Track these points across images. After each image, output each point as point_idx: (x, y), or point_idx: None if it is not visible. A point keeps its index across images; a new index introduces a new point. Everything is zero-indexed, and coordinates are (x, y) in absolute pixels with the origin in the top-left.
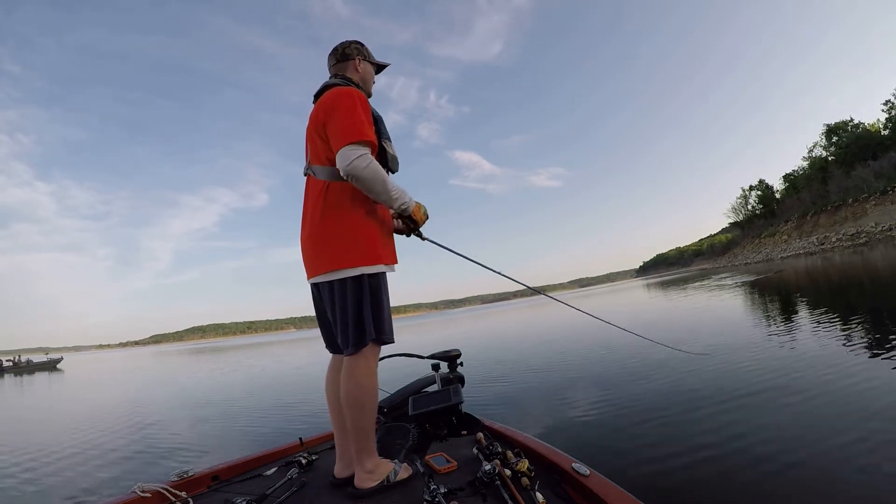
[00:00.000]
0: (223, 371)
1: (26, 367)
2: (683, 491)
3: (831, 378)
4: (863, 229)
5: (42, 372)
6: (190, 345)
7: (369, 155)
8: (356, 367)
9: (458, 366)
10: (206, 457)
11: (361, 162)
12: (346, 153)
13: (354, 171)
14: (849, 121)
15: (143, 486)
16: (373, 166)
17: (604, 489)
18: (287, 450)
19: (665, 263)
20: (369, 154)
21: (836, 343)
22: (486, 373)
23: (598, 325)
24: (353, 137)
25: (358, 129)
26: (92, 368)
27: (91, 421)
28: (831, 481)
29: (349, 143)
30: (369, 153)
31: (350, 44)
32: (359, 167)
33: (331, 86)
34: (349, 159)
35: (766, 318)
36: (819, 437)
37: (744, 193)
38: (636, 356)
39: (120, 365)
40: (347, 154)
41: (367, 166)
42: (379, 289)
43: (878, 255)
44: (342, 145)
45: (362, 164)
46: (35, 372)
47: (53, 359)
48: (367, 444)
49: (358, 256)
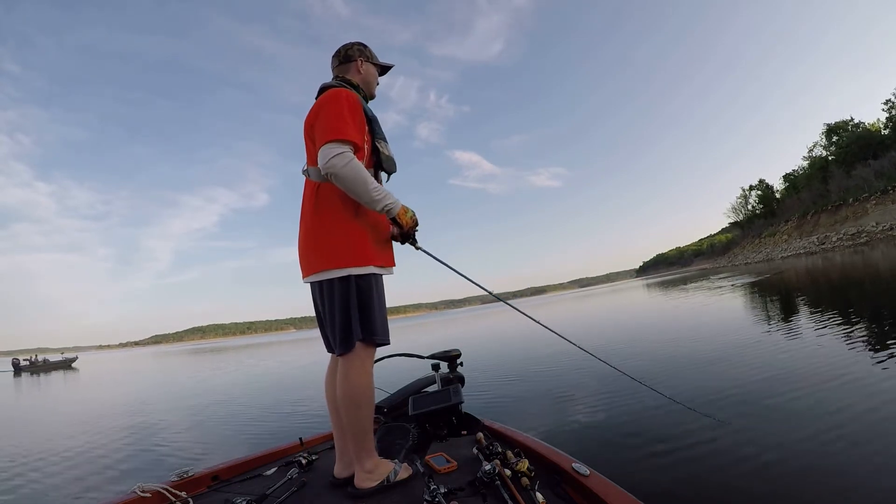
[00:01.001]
0: (225, 371)
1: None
2: (684, 491)
3: (830, 377)
4: (864, 229)
5: (58, 371)
6: (190, 345)
7: (349, 154)
8: (351, 367)
9: (458, 366)
10: (206, 457)
11: (339, 160)
12: (324, 151)
13: (332, 170)
14: (849, 120)
15: (143, 486)
16: (352, 164)
17: (604, 489)
18: (287, 450)
19: (665, 263)
20: (349, 153)
21: (836, 339)
22: (487, 373)
23: (594, 325)
24: (332, 136)
25: (337, 128)
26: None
27: (94, 420)
28: (840, 487)
29: (328, 142)
30: (349, 152)
31: (352, 45)
32: (336, 165)
33: (327, 87)
34: (327, 157)
35: (765, 320)
36: (827, 440)
37: (744, 193)
38: (636, 356)
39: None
40: (325, 152)
41: (345, 165)
42: (368, 290)
43: (879, 254)
44: (322, 143)
45: (340, 162)
46: (51, 371)
47: (69, 358)
48: (366, 444)
49: (345, 257)
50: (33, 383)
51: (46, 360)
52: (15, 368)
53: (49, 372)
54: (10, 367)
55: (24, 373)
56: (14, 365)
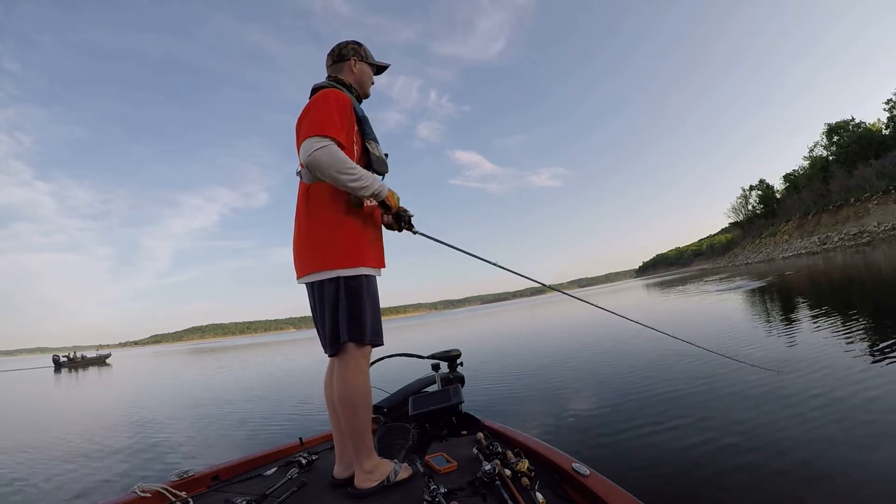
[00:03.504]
0: (232, 369)
1: (81, 362)
2: (684, 491)
3: (820, 373)
4: (865, 229)
5: (94, 367)
6: (190, 345)
7: (332, 145)
8: (346, 367)
9: (458, 366)
10: (206, 457)
11: (322, 153)
12: (305, 146)
13: (315, 161)
14: (850, 120)
15: (143, 486)
16: (333, 153)
17: (604, 489)
18: (287, 450)
19: (665, 264)
20: (331, 144)
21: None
22: (487, 373)
23: (596, 325)
24: (314, 131)
25: (320, 124)
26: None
27: (98, 420)
28: (843, 489)
29: (308, 137)
30: (330, 143)
31: (346, 44)
32: (319, 157)
33: (318, 88)
34: (309, 151)
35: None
36: (831, 444)
37: (744, 193)
38: (636, 356)
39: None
40: (306, 147)
41: (327, 154)
42: (358, 291)
43: (881, 255)
44: (303, 140)
45: (322, 154)
46: (88, 367)
47: (102, 354)
48: (364, 444)
49: (335, 259)
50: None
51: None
52: (56, 364)
53: (86, 367)
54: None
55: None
56: (55, 361)
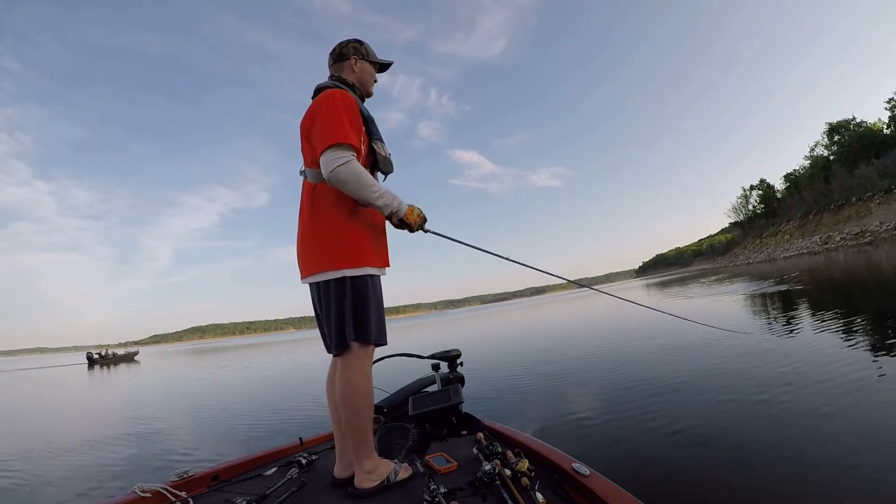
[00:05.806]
0: (234, 369)
1: (112, 359)
2: (684, 491)
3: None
4: (867, 228)
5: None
6: (190, 345)
7: (353, 161)
8: (348, 367)
9: (458, 366)
10: (207, 457)
11: (345, 169)
12: (327, 159)
13: (338, 177)
14: (851, 119)
15: (143, 486)
16: (357, 171)
17: (604, 489)
18: (287, 450)
19: (665, 264)
20: (353, 159)
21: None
22: (487, 373)
23: (594, 325)
24: (333, 140)
25: (338, 133)
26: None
27: (102, 419)
28: (840, 489)
29: (329, 147)
30: (352, 157)
31: (347, 43)
32: (342, 174)
33: (322, 88)
34: (331, 166)
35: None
36: (826, 440)
37: (745, 193)
38: (636, 355)
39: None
40: (329, 161)
41: (351, 172)
42: (364, 291)
43: (883, 254)
44: (322, 149)
45: (346, 171)
46: (119, 363)
47: (131, 352)
48: (365, 444)
49: (341, 259)
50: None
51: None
52: (89, 361)
53: (118, 364)
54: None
55: (95, 365)
56: (88, 358)
